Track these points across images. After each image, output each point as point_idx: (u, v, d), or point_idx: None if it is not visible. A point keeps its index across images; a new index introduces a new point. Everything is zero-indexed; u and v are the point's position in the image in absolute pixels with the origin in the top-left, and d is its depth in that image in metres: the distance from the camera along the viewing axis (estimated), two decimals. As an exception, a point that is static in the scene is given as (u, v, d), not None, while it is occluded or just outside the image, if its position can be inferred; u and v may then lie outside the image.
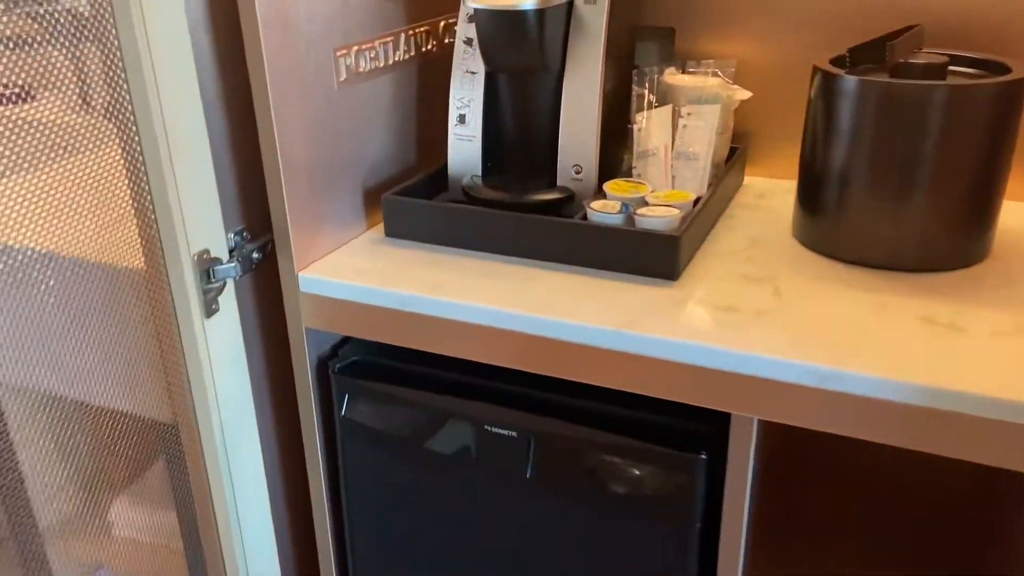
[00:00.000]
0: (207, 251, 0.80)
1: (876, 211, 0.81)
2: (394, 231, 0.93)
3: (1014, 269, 0.81)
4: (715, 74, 0.96)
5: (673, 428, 0.78)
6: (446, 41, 1.05)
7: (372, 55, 0.91)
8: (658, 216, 0.82)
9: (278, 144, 0.80)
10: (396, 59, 0.96)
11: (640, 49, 1.04)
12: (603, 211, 0.84)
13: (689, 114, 0.94)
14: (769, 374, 0.68)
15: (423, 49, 1.01)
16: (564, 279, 0.82)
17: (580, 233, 0.84)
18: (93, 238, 0.76)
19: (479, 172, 0.96)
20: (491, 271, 0.84)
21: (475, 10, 0.86)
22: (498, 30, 0.87)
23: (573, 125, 0.90)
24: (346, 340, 0.95)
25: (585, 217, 0.86)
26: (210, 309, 0.82)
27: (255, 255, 0.86)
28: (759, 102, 1.02)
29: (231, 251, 0.84)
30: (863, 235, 0.83)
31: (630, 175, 0.96)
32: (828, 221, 0.86)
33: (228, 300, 0.84)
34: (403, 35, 0.96)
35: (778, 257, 0.86)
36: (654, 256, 0.81)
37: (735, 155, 1.01)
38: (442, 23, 1.04)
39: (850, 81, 0.80)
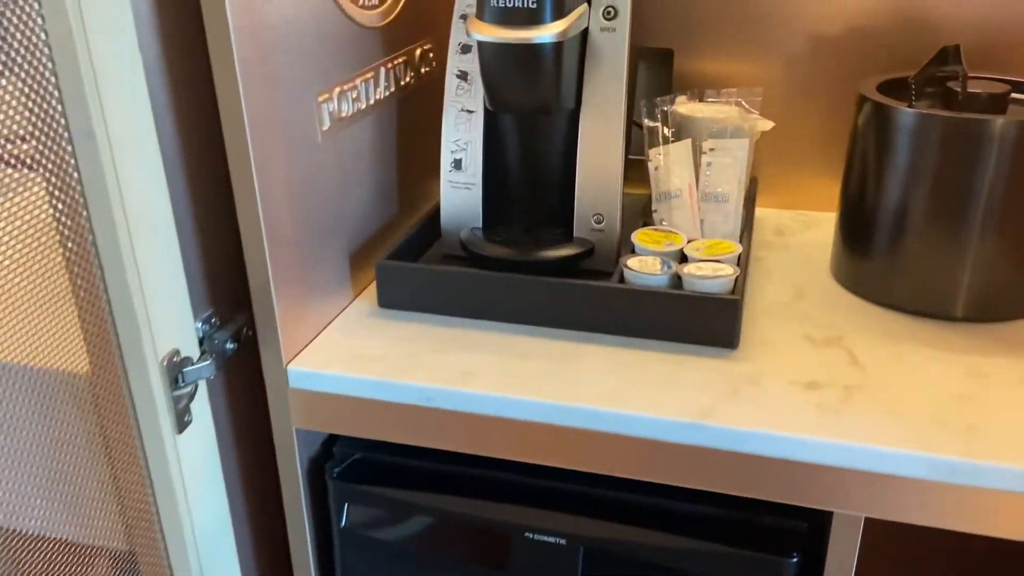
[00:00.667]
0: (177, 351, 0.64)
1: (942, 254, 0.73)
2: (390, 301, 0.79)
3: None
4: (739, 104, 0.86)
5: (753, 525, 0.67)
6: (422, 71, 0.91)
7: (354, 96, 0.77)
8: (709, 276, 0.71)
9: (260, 209, 0.65)
10: (377, 97, 0.82)
11: (638, 74, 0.94)
12: (643, 271, 0.73)
13: (712, 149, 0.84)
14: (883, 468, 0.59)
15: (402, 83, 0.87)
16: (607, 354, 0.70)
17: (622, 299, 0.72)
18: (24, 338, 0.60)
19: (479, 224, 0.83)
20: (520, 348, 0.72)
21: (480, 43, 0.73)
22: (508, 66, 0.74)
23: (592, 168, 0.79)
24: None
25: (622, 279, 0.75)
26: (182, 422, 0.66)
27: (228, 345, 0.71)
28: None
29: (201, 344, 0.68)
30: (929, 282, 0.75)
31: (649, 219, 0.86)
32: (882, 266, 0.77)
33: (201, 407, 0.68)
34: (382, 69, 0.82)
35: (832, 310, 0.77)
36: (710, 323, 0.70)
37: (752, 189, 0.92)
38: (417, 51, 0.90)
39: (909, 115, 0.72)
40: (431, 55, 0.93)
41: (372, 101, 0.80)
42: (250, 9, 0.61)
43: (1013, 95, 0.75)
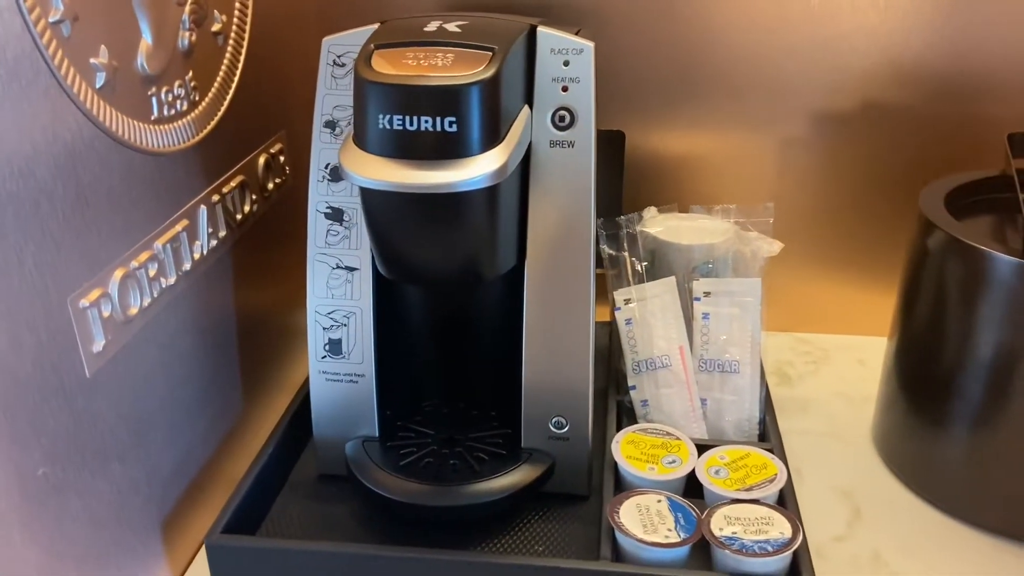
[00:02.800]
0: None
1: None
2: (235, 595, 0.49)
3: None
4: (744, 226, 0.60)
5: None
6: (270, 186, 0.61)
7: (152, 272, 0.46)
8: (757, 547, 0.45)
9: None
10: (197, 256, 0.51)
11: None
12: (652, 542, 0.46)
13: (708, 294, 0.58)
14: None
15: (238, 216, 0.56)
16: None
17: (622, 595, 0.45)
18: None
19: (373, 431, 0.54)
20: None
21: (363, 190, 0.44)
22: (415, 225, 0.45)
23: (547, 351, 0.51)
24: None
25: (615, 548, 0.47)
26: None
27: None
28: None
29: None
30: (1041, 496, 0.52)
31: (624, 392, 0.59)
32: (973, 474, 0.53)
33: None
34: (202, 209, 0.51)
35: (910, 543, 0.53)
36: (768, 626, 0.44)
37: (748, 323, 0.67)
38: (261, 160, 0.59)
39: (1010, 265, 0.48)
40: (282, 159, 0.63)
41: (188, 266, 0.50)
42: None
43: None
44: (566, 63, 0.48)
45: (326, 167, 0.51)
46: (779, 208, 0.61)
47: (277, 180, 0.62)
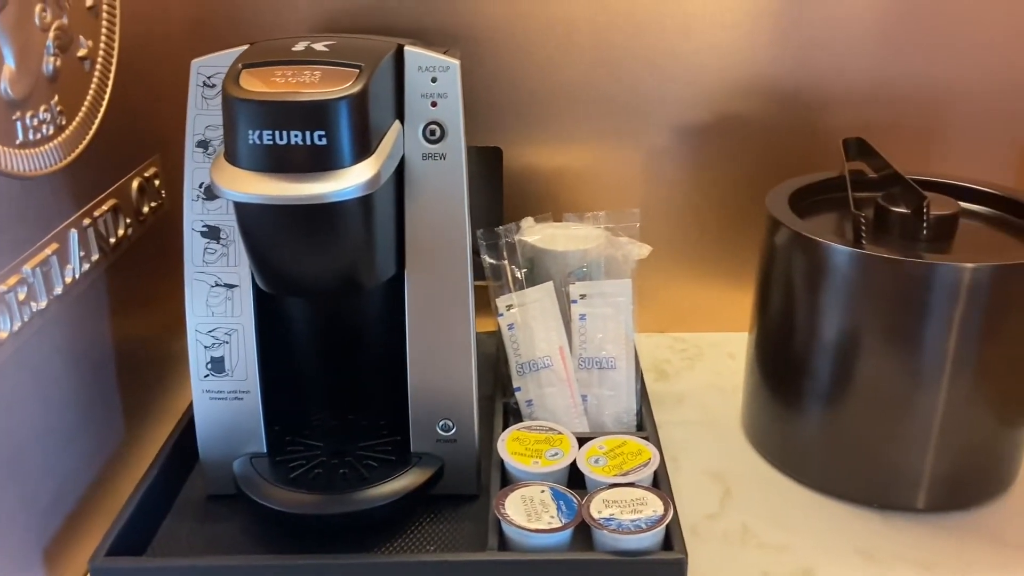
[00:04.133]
0: None
1: (897, 436, 0.55)
2: (124, 618, 0.48)
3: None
4: (614, 231, 0.63)
5: None
6: (146, 210, 0.61)
7: (20, 296, 0.45)
8: (632, 525, 0.47)
9: None
10: (69, 280, 0.50)
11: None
12: (535, 528, 0.48)
13: (584, 296, 0.61)
14: None
15: (112, 239, 0.56)
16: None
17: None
18: None
19: (262, 446, 0.55)
20: None
21: (239, 205, 0.45)
22: (289, 236, 0.46)
23: (430, 355, 0.53)
24: None
25: (501, 539, 0.49)
26: None
27: None
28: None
29: None
30: (880, 469, 0.57)
31: (510, 395, 0.61)
32: (823, 445, 0.58)
33: None
34: (72, 232, 0.51)
35: (777, 515, 0.57)
36: (646, 597, 0.47)
37: (624, 324, 0.71)
38: (135, 183, 0.59)
39: (851, 256, 0.53)
40: (157, 183, 0.63)
41: (59, 290, 0.49)
42: None
43: (966, 205, 0.59)
44: (434, 80, 0.50)
45: (200, 186, 0.51)
46: (647, 214, 0.65)
47: (152, 204, 0.62)
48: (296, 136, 0.42)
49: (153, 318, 0.63)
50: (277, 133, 0.42)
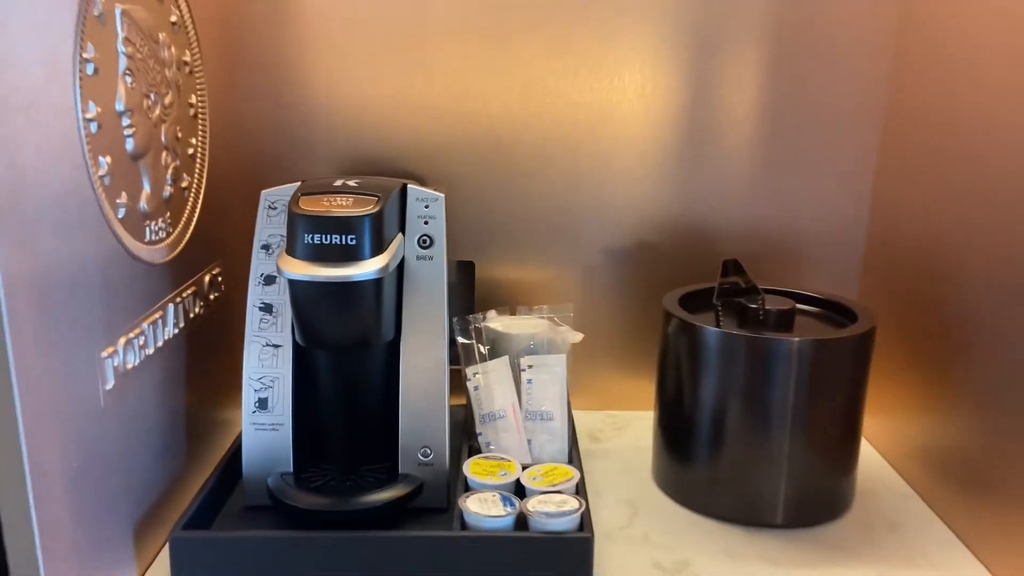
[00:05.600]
0: None
1: (759, 465, 0.76)
2: (188, 578, 0.67)
3: (884, 512, 0.81)
4: (552, 320, 0.86)
5: None
6: (211, 297, 0.83)
7: (141, 343, 0.67)
8: (556, 515, 0.67)
9: (31, 499, 0.52)
10: (166, 338, 0.72)
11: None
12: (486, 514, 0.68)
13: (531, 366, 0.83)
14: None
15: (191, 315, 0.78)
16: (457, 615, 0.63)
17: (466, 549, 0.66)
18: None
19: (288, 468, 0.74)
20: (357, 623, 0.63)
21: (292, 282, 0.67)
22: (326, 304, 0.68)
23: (416, 399, 0.74)
24: None
25: (463, 523, 0.69)
26: None
27: None
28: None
29: None
30: (749, 493, 0.77)
31: (474, 441, 0.81)
32: (704, 478, 0.79)
33: None
34: (171, 306, 0.73)
35: (668, 529, 0.76)
36: (565, 565, 0.66)
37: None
38: (207, 278, 0.82)
39: (714, 333, 0.76)
40: (220, 279, 0.85)
41: (160, 343, 0.71)
42: (27, 263, 0.51)
43: (798, 306, 0.82)
44: (427, 206, 0.74)
45: (261, 275, 0.74)
46: (582, 313, 0.88)
47: (215, 294, 0.84)
48: (335, 238, 0.66)
49: (211, 373, 0.84)
50: (323, 236, 0.66)
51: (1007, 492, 0.68)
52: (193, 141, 0.79)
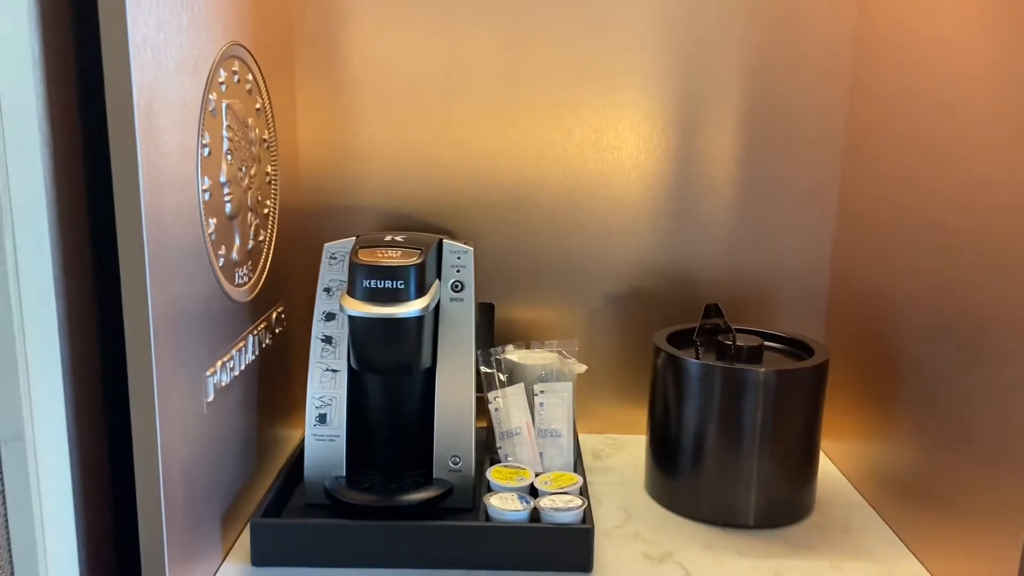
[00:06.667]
0: (68, 643, 0.63)
1: (733, 476, 0.91)
2: (264, 559, 0.82)
3: (840, 518, 0.96)
4: (561, 353, 1.02)
5: None
6: (277, 331, 0.99)
7: (231, 366, 0.83)
8: (563, 509, 0.83)
9: (161, 479, 0.68)
10: (247, 362, 0.88)
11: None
12: (507, 509, 0.83)
13: (543, 392, 0.99)
14: (729, 666, 0.71)
15: (264, 345, 0.94)
16: (482, 589, 0.79)
17: (490, 536, 0.81)
18: None
19: (342, 472, 0.90)
20: (402, 593, 0.78)
21: (352, 317, 0.84)
22: (378, 336, 0.85)
23: (448, 417, 0.90)
24: None
25: (486, 516, 0.84)
26: None
27: (109, 626, 0.70)
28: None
29: (83, 630, 0.67)
30: (726, 499, 0.92)
31: (495, 455, 0.97)
32: (688, 487, 0.94)
33: None
34: (250, 337, 0.89)
35: (657, 528, 0.91)
36: (569, 551, 0.81)
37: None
38: (274, 315, 0.98)
39: (695, 364, 0.92)
40: (283, 316, 1.02)
41: (243, 367, 0.87)
42: (166, 301, 0.67)
43: (766, 344, 0.98)
44: (458, 257, 0.91)
45: (323, 313, 0.91)
46: (591, 340, 1.04)
47: (279, 328, 1.01)
48: (387, 283, 0.82)
49: (275, 395, 1.00)
50: (377, 281, 0.82)
51: (941, 500, 0.83)
52: (268, 203, 0.96)
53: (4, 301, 0.54)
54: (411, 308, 0.83)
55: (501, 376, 1.00)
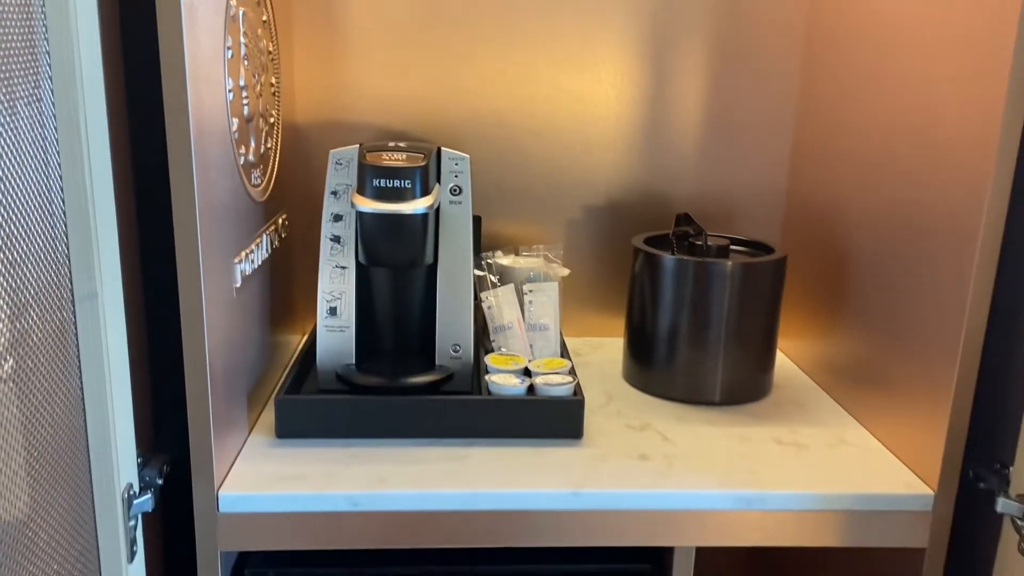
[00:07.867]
0: (130, 485, 0.71)
1: (702, 360, 1.02)
2: (287, 432, 0.90)
3: (795, 397, 1.08)
4: (546, 257, 1.11)
5: (606, 573, 0.87)
6: (283, 236, 1.06)
7: (252, 258, 0.90)
8: (557, 384, 0.93)
9: (207, 353, 0.75)
10: (263, 258, 0.95)
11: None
12: (508, 385, 0.93)
13: (531, 291, 1.08)
14: (704, 507, 0.82)
15: (274, 246, 1.01)
16: (486, 453, 0.88)
17: (492, 408, 0.91)
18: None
19: (351, 360, 0.98)
20: (414, 457, 0.87)
21: (362, 213, 0.91)
22: (386, 231, 0.93)
23: (450, 309, 0.98)
24: (247, 554, 0.88)
25: (489, 392, 0.94)
26: (132, 552, 0.72)
27: (158, 480, 0.78)
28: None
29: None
30: (696, 380, 1.03)
31: (490, 347, 1.06)
32: (662, 371, 1.05)
33: (140, 541, 0.74)
34: (264, 235, 0.97)
35: (636, 406, 1.02)
36: (563, 420, 0.91)
37: (555, 321, 1.17)
38: (280, 220, 1.05)
39: (671, 260, 1.02)
40: (286, 223, 1.09)
41: (260, 263, 0.94)
42: (204, 188, 0.74)
43: (732, 247, 1.08)
44: (456, 164, 0.99)
45: (331, 215, 0.98)
46: (571, 251, 1.14)
47: (284, 233, 1.08)
48: (395, 182, 0.90)
49: (284, 293, 1.07)
50: (386, 180, 0.90)
51: (883, 380, 0.95)
52: (273, 113, 1.02)
53: (82, 192, 0.61)
54: (417, 206, 0.91)
55: (493, 278, 1.09)
